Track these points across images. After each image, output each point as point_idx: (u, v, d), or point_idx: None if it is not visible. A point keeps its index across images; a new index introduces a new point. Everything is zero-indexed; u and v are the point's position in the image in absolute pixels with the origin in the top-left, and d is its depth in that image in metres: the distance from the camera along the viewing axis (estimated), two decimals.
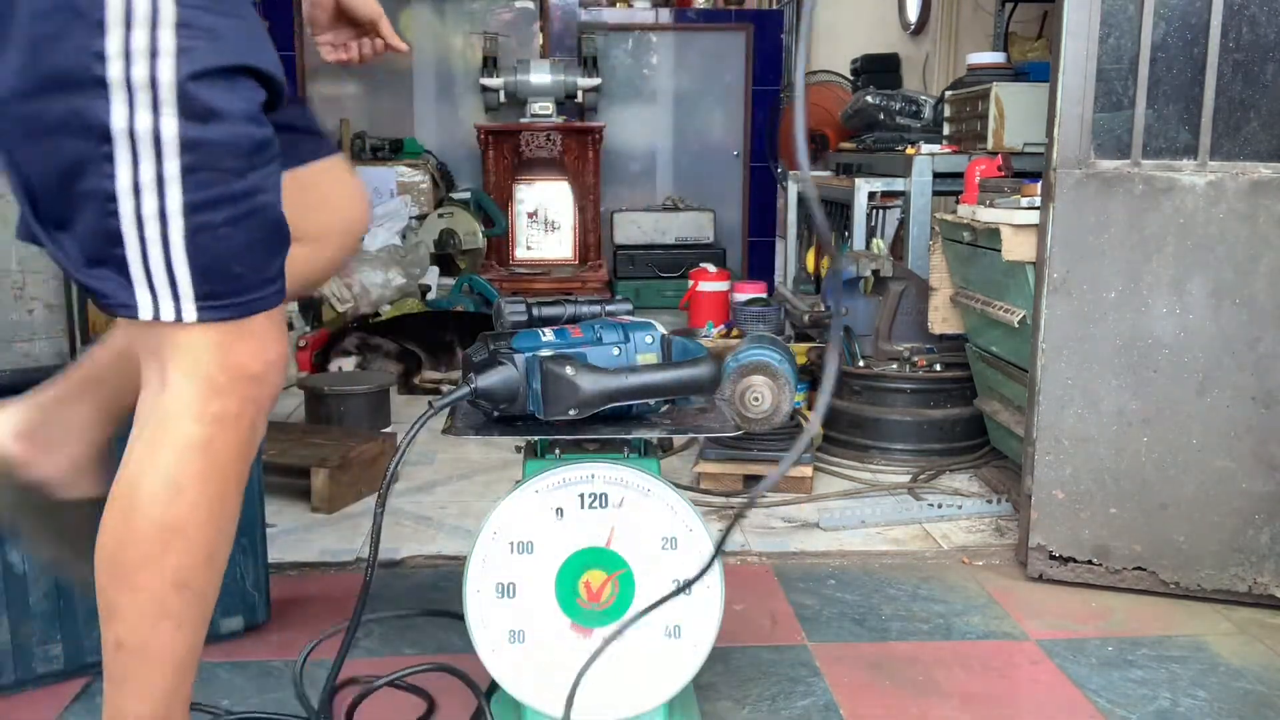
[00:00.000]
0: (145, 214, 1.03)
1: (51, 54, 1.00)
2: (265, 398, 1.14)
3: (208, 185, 1.05)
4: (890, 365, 2.84)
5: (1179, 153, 1.92)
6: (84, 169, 1.02)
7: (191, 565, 1.12)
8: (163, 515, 1.10)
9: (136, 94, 1.01)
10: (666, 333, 1.35)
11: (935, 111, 3.72)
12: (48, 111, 1.01)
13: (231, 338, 1.10)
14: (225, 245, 1.07)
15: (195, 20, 1.03)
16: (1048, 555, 2.04)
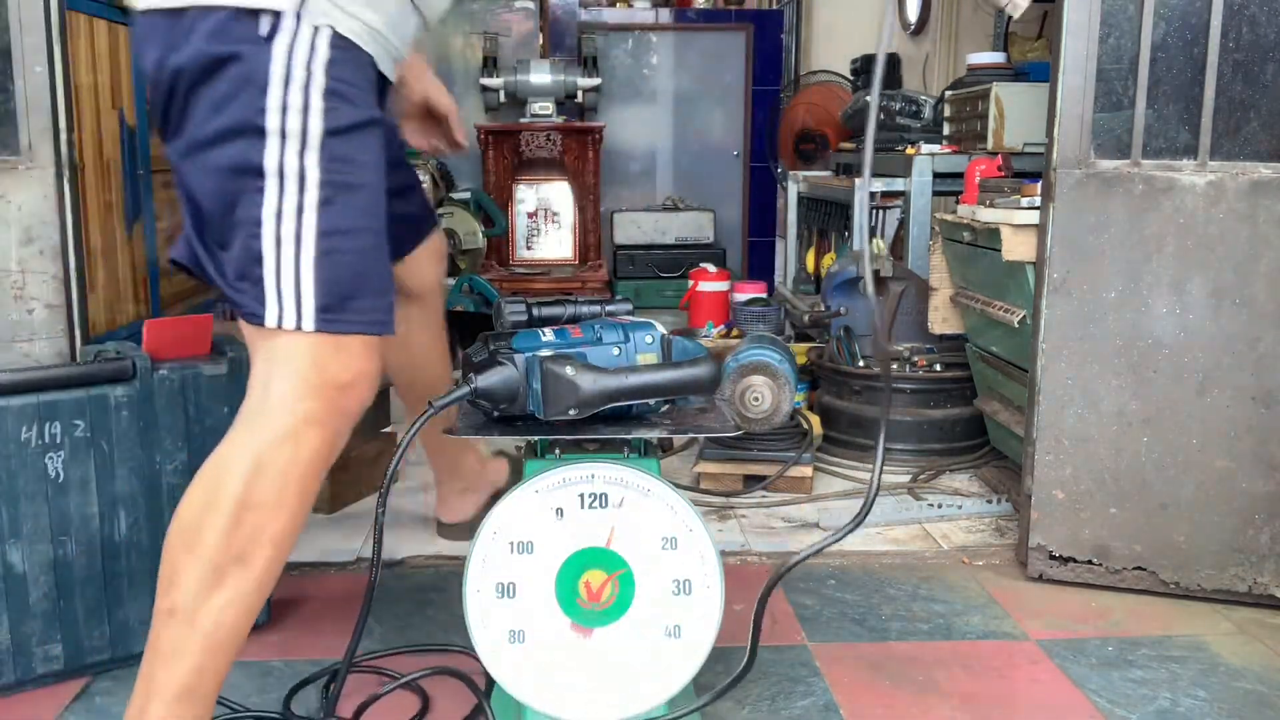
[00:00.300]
0: (283, 236, 1.22)
1: (229, 110, 1.21)
2: (352, 409, 1.27)
3: (339, 218, 1.23)
4: (890, 365, 2.84)
5: (1179, 153, 1.92)
6: (241, 200, 1.22)
7: (255, 543, 1.21)
8: (242, 491, 1.20)
9: (288, 141, 1.21)
10: (666, 333, 1.35)
11: (935, 111, 3.71)
12: (222, 155, 1.22)
13: (331, 351, 1.25)
14: (347, 270, 1.24)
15: (339, 88, 1.24)
16: (1048, 555, 2.04)
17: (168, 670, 1.20)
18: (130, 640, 1.65)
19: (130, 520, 1.63)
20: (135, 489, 1.63)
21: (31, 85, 1.78)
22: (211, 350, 1.74)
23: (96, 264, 2.43)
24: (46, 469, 1.55)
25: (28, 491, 1.54)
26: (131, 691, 1.22)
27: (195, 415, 1.67)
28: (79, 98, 2.32)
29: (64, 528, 1.58)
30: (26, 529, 1.55)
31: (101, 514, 1.61)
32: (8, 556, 1.54)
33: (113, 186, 2.55)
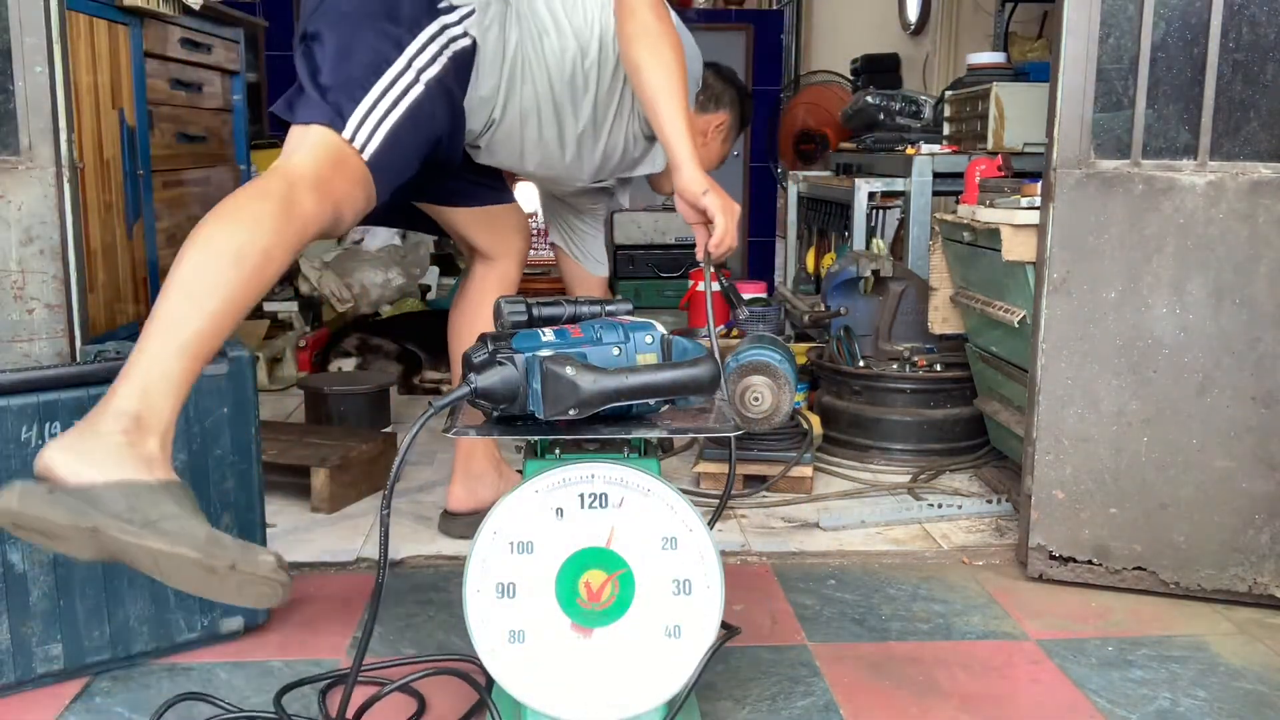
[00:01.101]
0: (390, 94, 1.69)
1: (399, 9, 1.74)
2: (343, 211, 1.61)
3: (415, 116, 1.70)
4: (890, 365, 2.84)
5: (1179, 153, 1.92)
6: (383, 46, 1.71)
7: (251, 250, 1.41)
8: (252, 207, 1.47)
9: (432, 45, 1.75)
10: (666, 333, 1.35)
11: (935, 111, 3.72)
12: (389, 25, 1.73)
13: (361, 175, 1.65)
14: (400, 142, 1.69)
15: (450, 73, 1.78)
16: (1048, 555, 2.04)
17: (159, 329, 1.34)
18: (130, 640, 1.65)
19: None
20: None
21: (31, 85, 1.78)
22: None
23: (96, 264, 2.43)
24: None
25: None
26: (130, 689, 1.21)
27: (195, 415, 1.67)
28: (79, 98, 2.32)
29: None
30: None
31: None
32: (8, 556, 1.54)
33: (113, 186, 2.55)
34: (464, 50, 1.81)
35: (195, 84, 3.25)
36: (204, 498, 1.70)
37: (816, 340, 3.25)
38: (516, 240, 2.23)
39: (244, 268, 1.39)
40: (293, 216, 1.49)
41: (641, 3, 1.81)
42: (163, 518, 1.25)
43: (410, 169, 1.76)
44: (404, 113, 1.69)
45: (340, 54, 1.69)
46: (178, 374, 1.33)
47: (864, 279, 2.92)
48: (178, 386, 1.33)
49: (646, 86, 1.79)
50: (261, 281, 1.42)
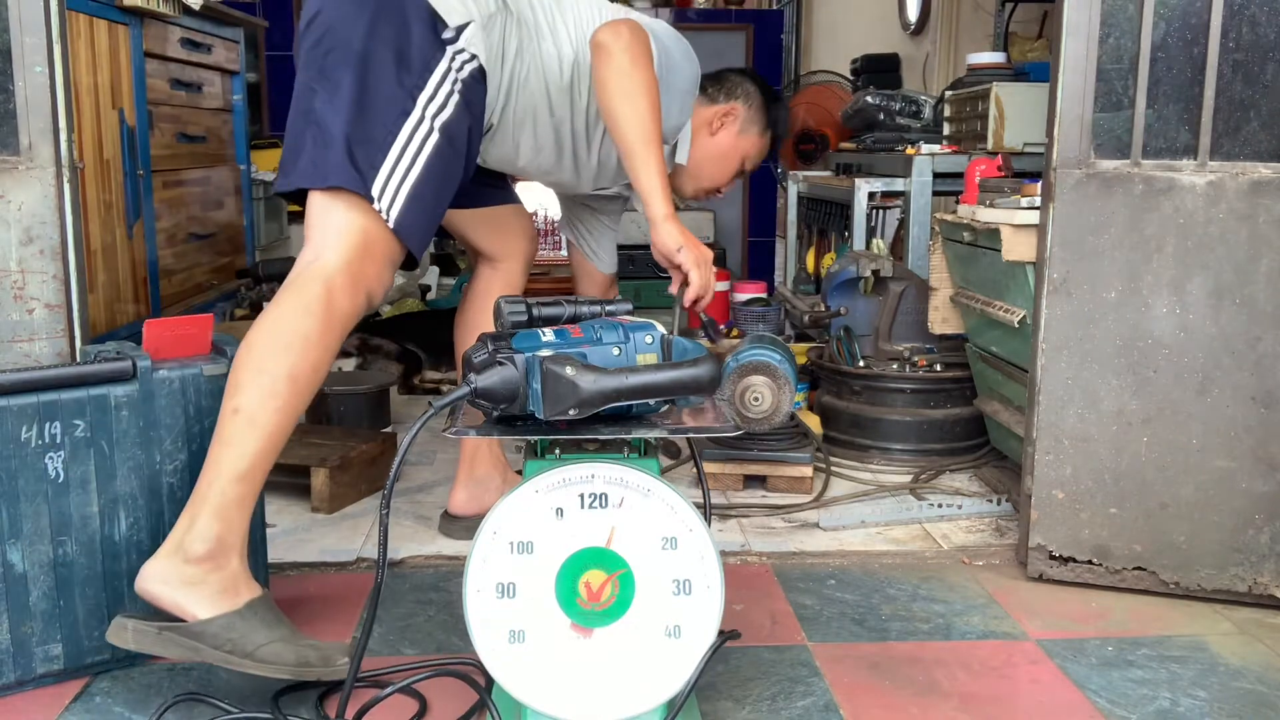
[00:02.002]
0: (410, 149, 1.70)
1: (409, 52, 1.73)
2: (380, 286, 1.70)
3: (435, 167, 1.72)
4: (890, 365, 2.84)
5: (1179, 153, 1.92)
6: (393, 103, 1.71)
7: (302, 367, 1.57)
8: (298, 326, 1.58)
9: (428, 110, 1.73)
10: (666, 333, 1.35)
11: (935, 111, 3.72)
12: (398, 81, 1.72)
13: (382, 240, 1.69)
14: (426, 198, 1.72)
15: (468, 97, 1.79)
16: (1048, 555, 2.04)
17: (230, 455, 1.53)
18: None
19: (130, 520, 1.63)
20: (135, 489, 1.63)
21: (31, 85, 1.78)
22: (211, 350, 1.74)
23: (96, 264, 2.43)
24: (46, 469, 1.55)
25: (28, 491, 1.54)
26: (130, 689, 1.24)
27: (195, 415, 1.67)
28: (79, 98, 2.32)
29: (64, 528, 1.58)
30: (26, 529, 1.55)
31: (101, 514, 1.61)
32: (8, 556, 1.54)
33: (113, 186, 2.55)
34: (473, 73, 1.80)
35: (195, 84, 3.25)
36: None
37: (816, 340, 3.25)
38: (521, 242, 2.23)
39: (298, 385, 1.57)
40: (333, 324, 1.61)
41: (618, 46, 1.81)
42: (257, 647, 1.50)
43: (437, 218, 1.79)
44: (424, 168, 1.71)
45: (359, 107, 1.68)
46: (247, 495, 1.55)
47: (864, 279, 2.92)
48: (247, 503, 1.55)
49: (621, 138, 1.82)
50: (313, 387, 1.61)
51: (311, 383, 1.59)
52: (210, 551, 1.51)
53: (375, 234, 1.67)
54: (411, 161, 1.69)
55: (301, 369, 1.57)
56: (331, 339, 1.61)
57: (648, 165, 1.80)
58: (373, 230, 1.67)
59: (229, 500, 1.52)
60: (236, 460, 1.53)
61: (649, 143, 1.80)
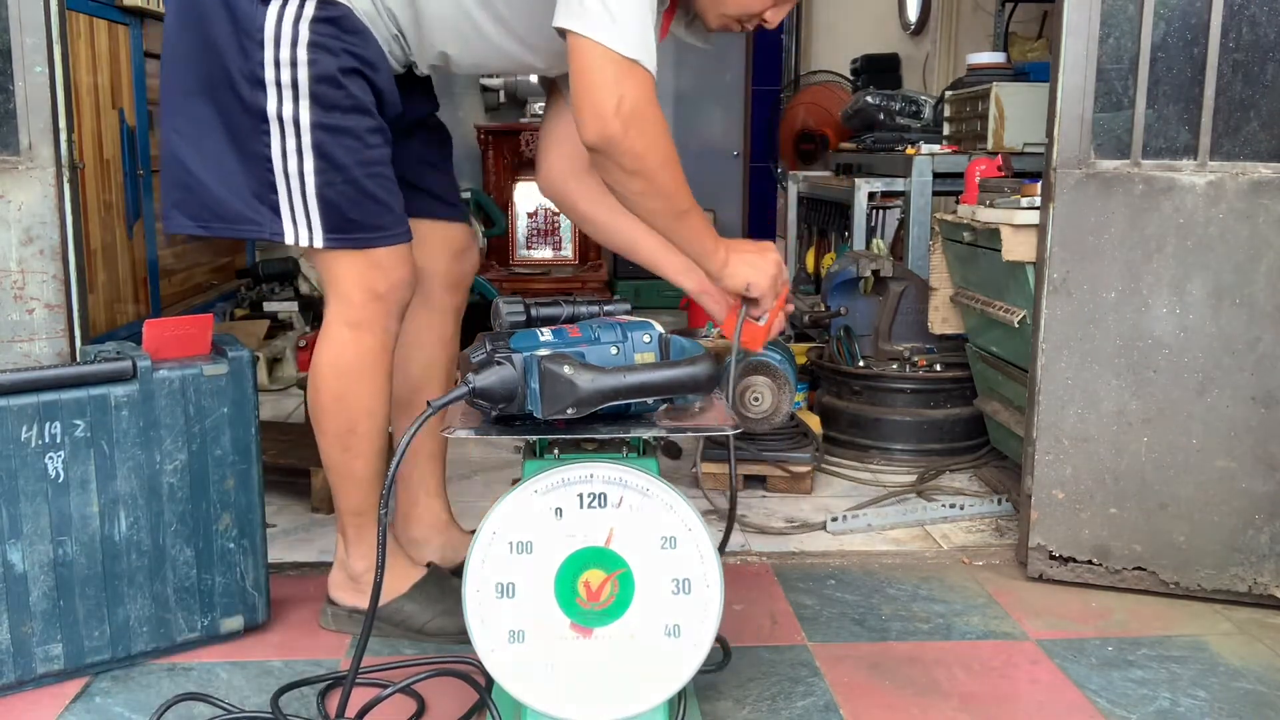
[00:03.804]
0: (290, 173, 1.53)
1: (238, 62, 1.50)
2: (392, 309, 1.64)
3: (329, 157, 1.52)
4: (890, 365, 2.84)
5: (1179, 153, 1.92)
6: (254, 138, 1.52)
7: (354, 417, 1.66)
8: (332, 388, 1.65)
9: (284, 91, 1.50)
10: (664, 332, 1.35)
11: (935, 111, 3.72)
12: (239, 99, 1.51)
13: (361, 266, 1.59)
14: (342, 199, 1.55)
15: (322, 41, 1.50)
16: (1048, 555, 2.04)
17: (344, 502, 1.74)
18: (130, 640, 1.65)
19: (130, 520, 1.63)
20: (135, 489, 1.63)
21: (31, 85, 1.78)
22: (211, 350, 1.74)
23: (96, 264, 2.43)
24: (46, 469, 1.55)
25: (28, 491, 1.54)
26: (130, 689, 1.29)
27: (195, 415, 1.67)
28: (79, 98, 2.32)
29: (64, 528, 1.58)
30: (26, 529, 1.55)
31: (101, 514, 1.61)
32: (8, 556, 1.54)
33: (113, 186, 2.56)
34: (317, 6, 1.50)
35: None
36: (204, 498, 1.70)
37: (816, 340, 3.25)
38: (440, 259, 1.84)
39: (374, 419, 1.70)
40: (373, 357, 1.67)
41: (655, 162, 1.44)
42: (425, 623, 1.78)
43: (379, 188, 1.57)
44: (314, 161, 1.52)
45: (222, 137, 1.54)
46: (367, 508, 1.75)
47: (864, 279, 2.92)
48: (369, 516, 1.75)
49: (657, 231, 1.61)
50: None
51: (374, 422, 1.69)
52: (367, 564, 1.74)
53: (332, 265, 1.60)
54: (299, 165, 1.52)
55: (352, 417, 1.68)
56: (372, 372, 1.66)
57: (690, 239, 1.58)
58: (327, 263, 1.61)
59: (358, 523, 1.75)
60: (342, 503, 1.75)
61: (682, 217, 1.53)
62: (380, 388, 1.67)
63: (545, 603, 1.29)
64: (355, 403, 1.66)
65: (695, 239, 1.59)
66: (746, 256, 1.62)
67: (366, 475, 1.71)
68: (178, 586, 1.69)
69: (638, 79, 1.39)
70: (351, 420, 1.66)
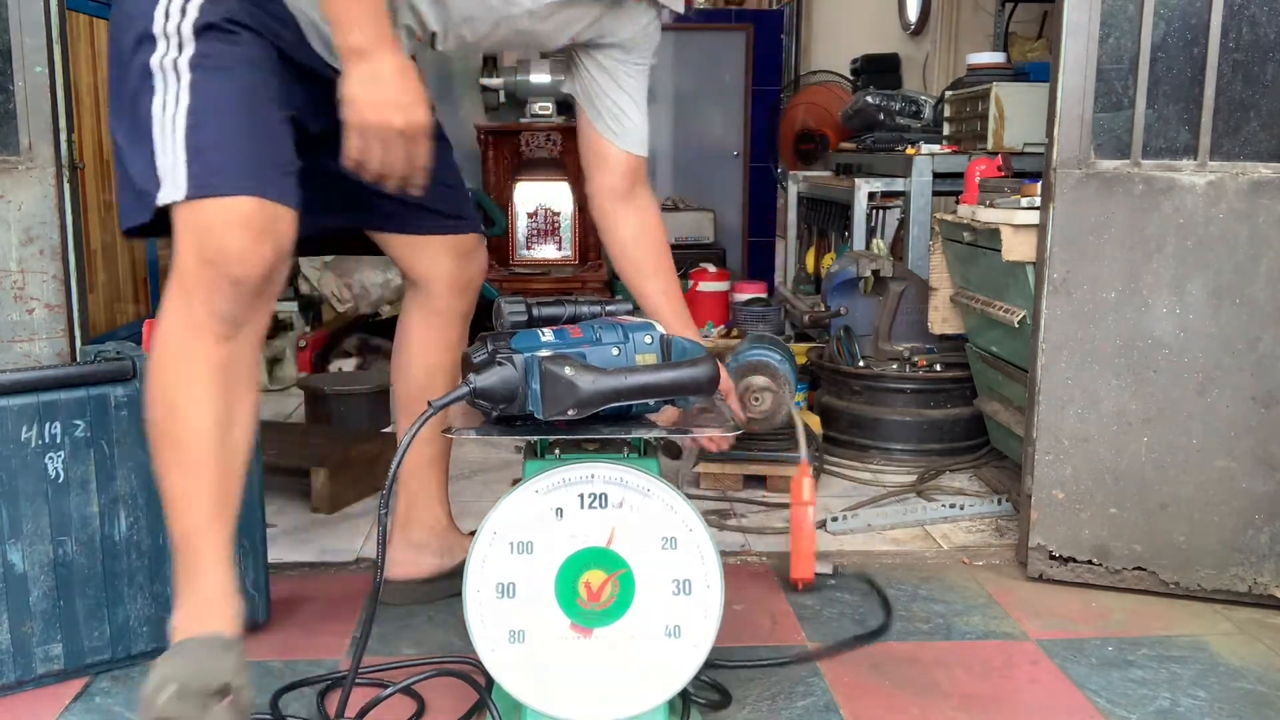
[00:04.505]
0: (166, 124, 1.35)
1: (138, 28, 1.38)
2: (223, 287, 1.34)
3: (205, 98, 1.35)
4: (890, 365, 2.84)
5: (1179, 153, 1.92)
6: (143, 97, 1.37)
7: (160, 409, 1.38)
8: (151, 366, 1.40)
9: (170, 40, 1.36)
10: (666, 333, 1.35)
11: (935, 111, 3.72)
12: (136, 58, 1.38)
13: (187, 220, 1.34)
14: (216, 143, 1.34)
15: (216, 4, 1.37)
16: (1048, 555, 2.04)
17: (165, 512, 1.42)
18: (130, 640, 1.65)
19: (130, 520, 1.63)
20: (135, 489, 1.63)
21: (31, 85, 1.78)
22: None
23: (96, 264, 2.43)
24: (46, 469, 1.55)
25: (28, 491, 1.54)
26: (130, 689, 1.25)
27: None
28: (79, 98, 2.32)
29: (64, 528, 1.58)
30: (26, 529, 1.55)
31: (101, 514, 1.61)
32: (8, 556, 1.54)
33: (112, 186, 2.56)
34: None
35: None
36: None
37: (816, 340, 3.25)
38: (445, 261, 1.80)
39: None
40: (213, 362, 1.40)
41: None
42: None
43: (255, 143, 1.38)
44: (189, 111, 1.36)
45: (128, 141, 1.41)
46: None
47: (864, 279, 2.92)
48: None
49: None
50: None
51: (177, 425, 1.40)
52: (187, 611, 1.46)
53: (190, 221, 1.35)
54: (173, 119, 1.36)
55: (158, 414, 1.42)
56: (173, 362, 1.40)
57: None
58: (185, 220, 1.35)
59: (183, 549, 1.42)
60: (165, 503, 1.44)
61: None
62: (197, 380, 1.36)
63: (546, 603, 1.29)
64: (164, 390, 1.37)
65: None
66: (386, 74, 1.34)
67: (179, 492, 1.38)
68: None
69: None
70: (161, 411, 1.38)
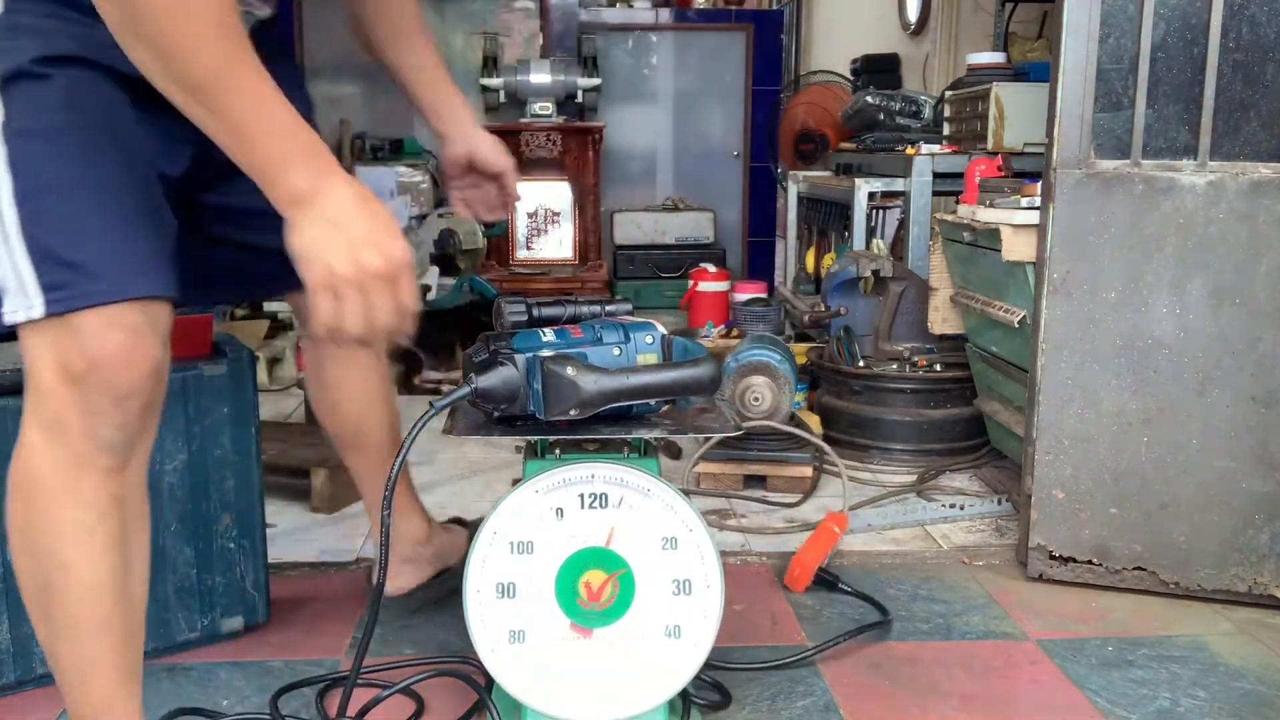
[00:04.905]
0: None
1: None
2: (99, 403, 1.08)
3: (31, 175, 1.05)
4: (890, 365, 2.84)
5: (1179, 153, 1.92)
6: None
7: (46, 568, 1.13)
8: (17, 519, 1.14)
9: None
10: (667, 333, 1.35)
11: (935, 111, 3.72)
12: None
13: (51, 333, 1.07)
14: (62, 233, 1.05)
15: (20, 22, 1.07)
16: (1048, 555, 2.04)
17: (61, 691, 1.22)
18: None
19: None
20: None
21: None
22: (211, 350, 1.74)
23: None
24: None
25: None
26: None
27: (195, 415, 1.67)
28: None
29: None
30: None
31: None
32: (7, 556, 1.54)
33: None
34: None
35: None
36: (204, 498, 1.70)
37: (816, 340, 3.25)
38: None
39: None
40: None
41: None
42: None
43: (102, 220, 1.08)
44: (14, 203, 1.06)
45: None
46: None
47: (864, 279, 2.92)
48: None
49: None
50: None
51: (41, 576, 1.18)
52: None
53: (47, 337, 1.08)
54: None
55: (21, 567, 1.20)
56: (43, 504, 1.15)
57: (229, 131, 0.98)
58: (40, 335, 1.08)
59: None
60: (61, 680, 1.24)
61: (200, 91, 0.96)
62: (88, 530, 1.12)
63: (546, 603, 1.29)
64: (45, 545, 1.13)
65: (240, 137, 0.98)
66: (344, 210, 1.00)
67: (77, 662, 1.16)
68: (178, 586, 1.69)
69: None
70: (44, 573, 1.14)
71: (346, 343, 1.14)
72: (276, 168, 0.98)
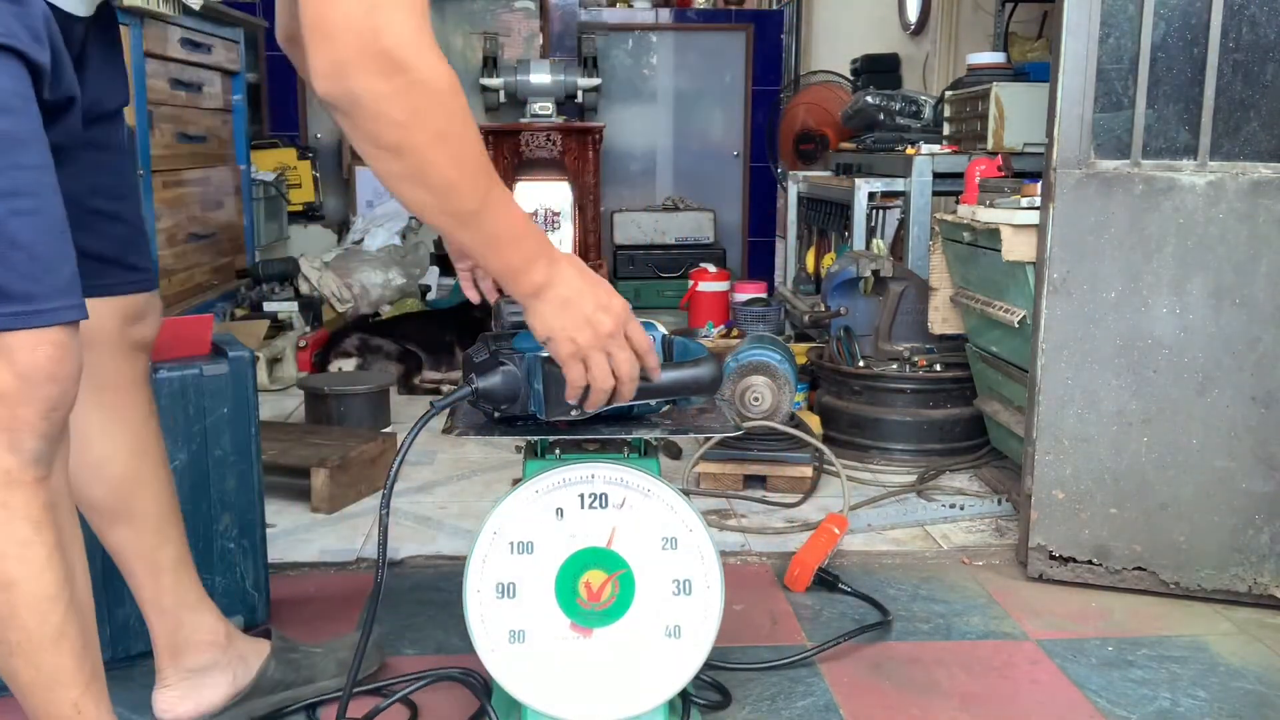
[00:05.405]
0: None
1: None
2: (29, 419, 1.05)
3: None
4: (890, 365, 2.84)
5: (1179, 153, 1.92)
6: None
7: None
8: None
9: None
10: (667, 333, 1.35)
11: (935, 111, 3.72)
12: None
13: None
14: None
15: None
16: (1048, 555, 2.04)
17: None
18: (130, 640, 1.65)
19: None
20: None
21: None
22: (211, 350, 1.74)
23: None
24: None
25: None
26: (130, 690, 1.24)
27: (195, 415, 1.67)
28: None
29: None
30: None
31: None
32: None
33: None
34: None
35: (195, 84, 3.25)
36: (204, 498, 1.70)
37: (816, 340, 3.25)
38: (114, 330, 1.35)
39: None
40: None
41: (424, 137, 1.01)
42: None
43: (41, 236, 1.03)
44: None
45: None
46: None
47: (864, 279, 2.92)
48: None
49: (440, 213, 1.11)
50: None
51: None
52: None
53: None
54: None
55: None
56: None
57: (487, 248, 1.12)
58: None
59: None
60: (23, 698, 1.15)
61: (470, 219, 1.09)
62: (28, 544, 1.09)
63: (546, 603, 1.29)
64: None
65: (494, 248, 1.11)
66: (572, 288, 1.13)
67: (38, 676, 1.11)
68: None
69: (404, 5, 0.97)
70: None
71: (599, 404, 1.20)
72: (520, 269, 1.12)
